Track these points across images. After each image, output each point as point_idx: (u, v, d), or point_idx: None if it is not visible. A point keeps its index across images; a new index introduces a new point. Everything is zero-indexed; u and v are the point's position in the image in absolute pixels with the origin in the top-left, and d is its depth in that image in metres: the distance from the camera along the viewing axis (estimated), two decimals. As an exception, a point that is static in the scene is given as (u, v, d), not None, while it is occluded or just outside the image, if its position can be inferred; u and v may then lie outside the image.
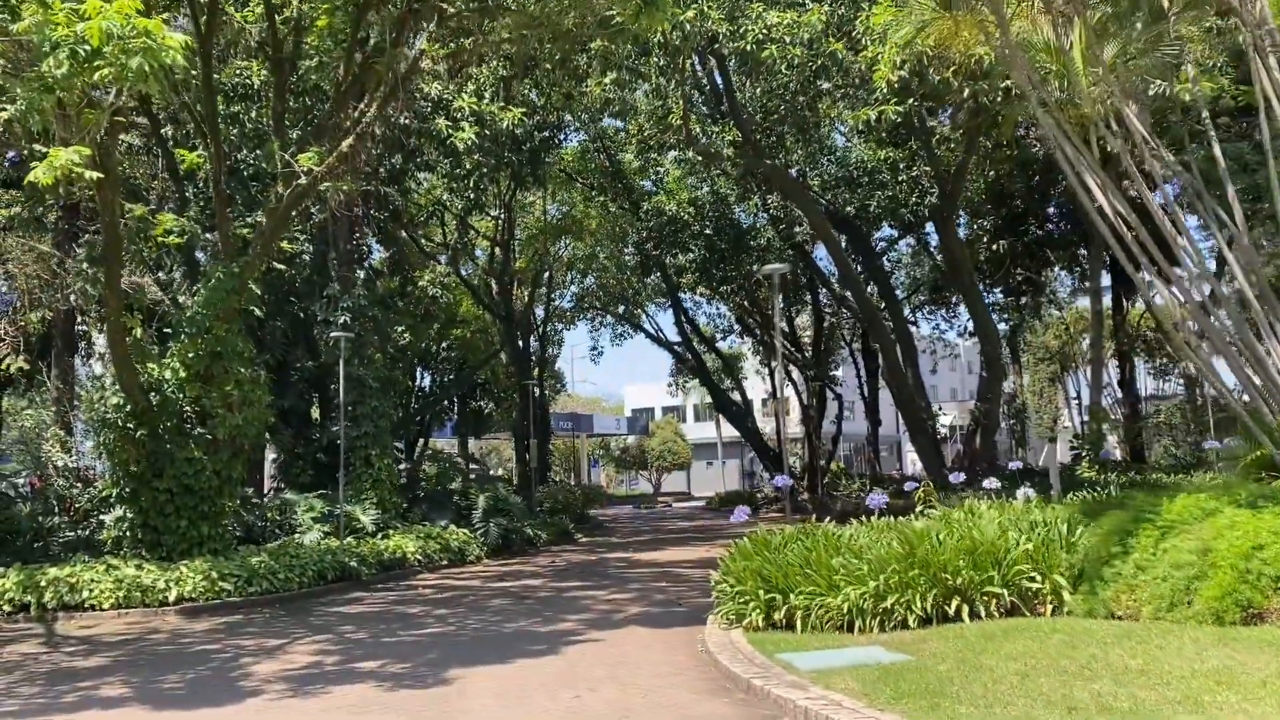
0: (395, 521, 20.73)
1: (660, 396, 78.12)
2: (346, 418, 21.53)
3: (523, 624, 11.78)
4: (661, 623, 11.36)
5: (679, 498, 62.97)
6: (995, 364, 29.47)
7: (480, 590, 15.71)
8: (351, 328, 21.33)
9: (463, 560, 20.45)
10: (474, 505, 22.65)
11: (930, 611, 8.70)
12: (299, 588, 15.37)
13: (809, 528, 10.67)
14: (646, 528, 33.11)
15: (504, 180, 32.59)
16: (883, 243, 38.46)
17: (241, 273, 15.83)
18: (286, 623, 12.89)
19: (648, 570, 17.66)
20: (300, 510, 19.73)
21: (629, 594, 14.23)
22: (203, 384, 15.95)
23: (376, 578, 17.39)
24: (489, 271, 37.51)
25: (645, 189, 38.50)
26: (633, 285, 43.77)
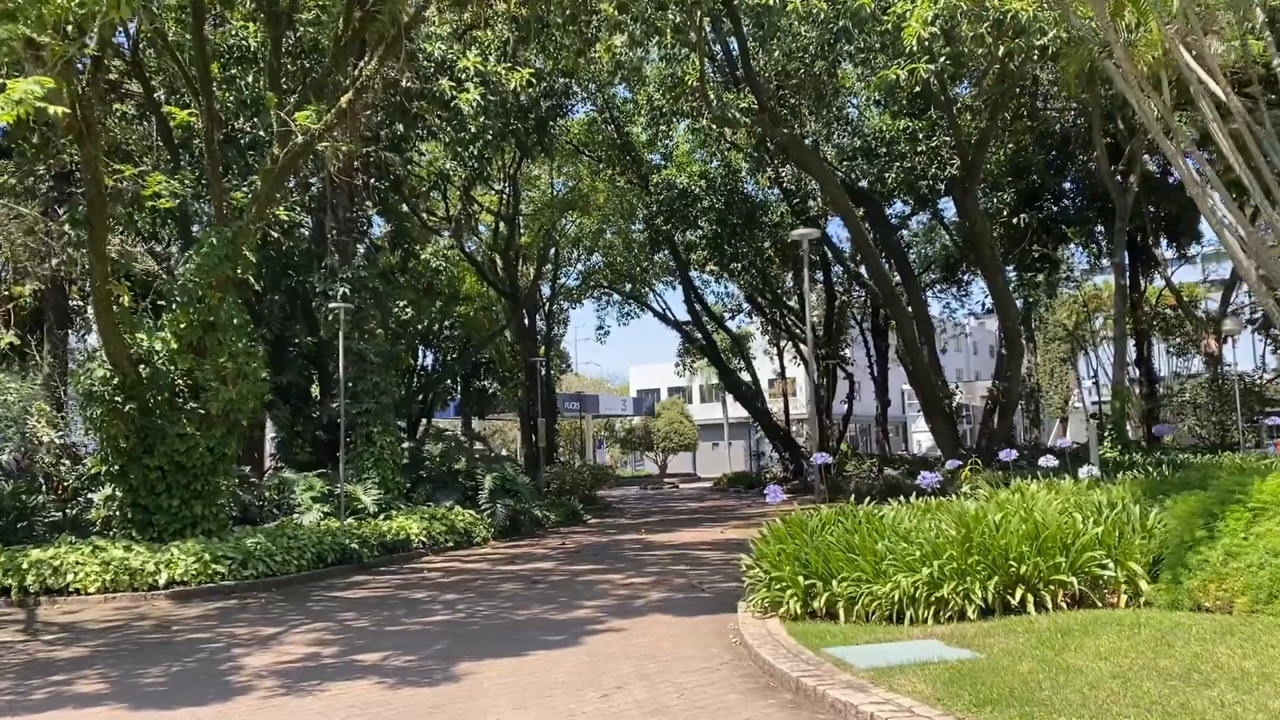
0: (398, 502, 19.92)
1: (666, 377, 77.31)
2: (346, 394, 20.69)
3: (536, 611, 10.97)
4: (687, 610, 10.53)
5: (685, 479, 62.26)
6: (1015, 341, 28.62)
7: (489, 574, 14.91)
8: (351, 300, 20.45)
9: (469, 542, 19.64)
10: (480, 486, 21.84)
11: (991, 602, 7.86)
12: (297, 571, 14.56)
13: (848, 509, 9.83)
14: (656, 508, 32.32)
15: (509, 150, 31.65)
16: (894, 219, 37.55)
17: (235, 239, 14.95)
18: (283, 608, 12.08)
19: (663, 553, 16.85)
20: (299, 490, 18.93)
21: (647, 578, 13.42)
22: (195, 356, 15.10)
23: (379, 560, 16.59)
24: (493, 247, 36.61)
25: (654, 163, 37.58)
26: (640, 263, 42.87)
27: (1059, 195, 37.23)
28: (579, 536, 21.41)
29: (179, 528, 14.83)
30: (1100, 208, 38.04)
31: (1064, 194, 37.82)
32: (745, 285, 41.71)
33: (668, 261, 43.52)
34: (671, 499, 39.27)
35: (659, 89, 28.88)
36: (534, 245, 37.81)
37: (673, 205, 33.56)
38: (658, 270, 44.68)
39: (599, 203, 38.38)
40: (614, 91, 35.55)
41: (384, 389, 20.81)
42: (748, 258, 37.20)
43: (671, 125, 36.62)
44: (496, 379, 38.43)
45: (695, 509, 31.00)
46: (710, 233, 35.12)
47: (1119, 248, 28.56)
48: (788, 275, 41.77)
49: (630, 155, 35.76)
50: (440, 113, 21.90)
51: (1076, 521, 8.25)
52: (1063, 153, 36.00)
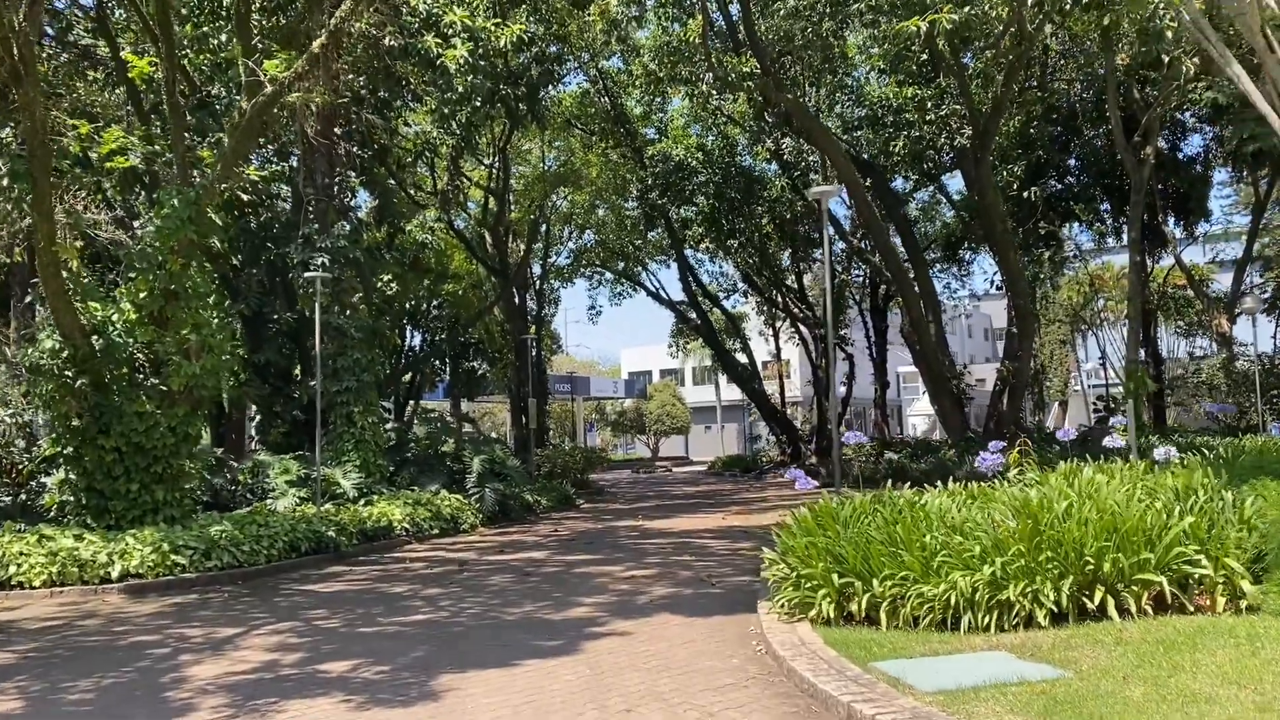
0: (380, 486, 18.71)
1: (658, 359, 76.14)
2: (326, 371, 19.44)
3: (529, 608, 9.79)
4: (698, 609, 9.36)
5: (677, 462, 61.20)
6: (1027, 318, 27.52)
7: (476, 564, 13.73)
8: (330, 271, 19.19)
9: (456, 529, 18.46)
10: (468, 469, 20.64)
11: (1064, 605, 6.69)
12: (267, 561, 13.36)
13: (884, 496, 8.66)
14: (650, 493, 31.19)
15: (499, 120, 30.32)
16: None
17: (199, 200, 13.67)
18: (247, 604, 10.88)
19: (664, 541, 15.69)
20: (274, 473, 17.71)
21: (649, 570, 12.25)
22: (156, 328, 13.86)
23: (358, 549, 15.40)
24: (482, 223, 35.30)
25: (649, 137, 36.28)
26: (634, 240, 41.60)
27: (1064, 172, 36.18)
28: (572, 523, 20.26)
29: (138, 514, 13.62)
30: (1107, 185, 36.97)
31: (1069, 171, 36.79)
32: (742, 263, 40.51)
33: (662, 240, 42.30)
34: (665, 483, 38.16)
35: (655, 57, 27.58)
36: (524, 221, 36.51)
37: (668, 178, 32.32)
38: (651, 249, 43.47)
39: (591, 177, 37.08)
40: (607, 63, 34.28)
41: (365, 366, 19.56)
42: (745, 234, 35.98)
43: (667, 96, 35.39)
44: (486, 359, 37.13)
45: (691, 493, 29.88)
46: (707, 208, 33.91)
47: (1135, 222, 27.39)
48: (785, 253, 40.57)
49: (624, 128, 34.46)
50: (425, 74, 20.57)
51: (1158, 511, 7.09)
52: (1069, 128, 34.91)
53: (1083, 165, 36.20)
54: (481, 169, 36.54)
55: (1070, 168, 36.69)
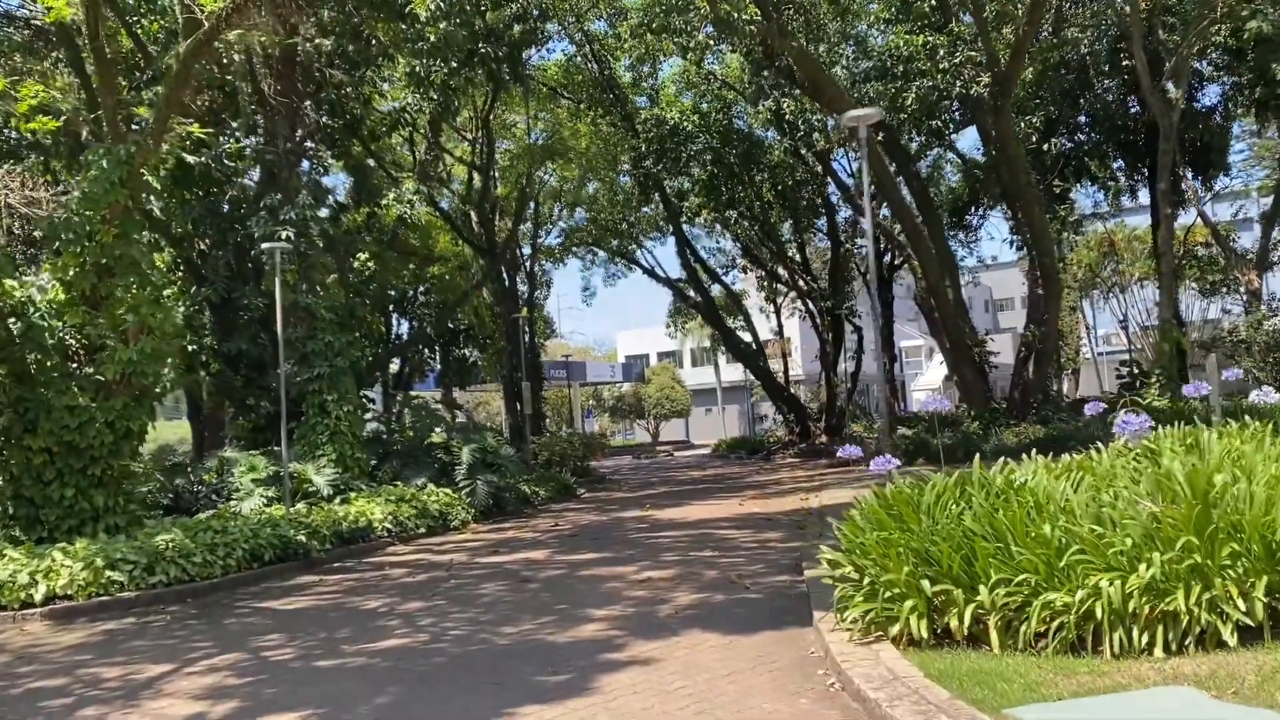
0: (360, 482, 16.90)
1: (655, 342, 74.28)
2: (294, 357, 17.62)
3: (527, 626, 8.00)
4: (737, 622, 7.57)
5: (679, 446, 59.48)
6: (1053, 278, 25.76)
7: (466, 569, 11.93)
8: (296, 244, 17.34)
9: (445, 527, 16.66)
10: (457, 460, 18.79)
11: (1260, 617, 4.90)
12: (223, 573, 11.53)
13: (977, 476, 6.87)
14: (655, 479, 29.43)
15: (480, 88, 28.40)
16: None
17: (131, 158, 11.80)
18: (190, 629, 9.08)
19: (679, 534, 13.90)
20: (238, 471, 15.87)
21: (667, 570, 10.46)
22: (88, 309, 12.01)
23: (332, 554, 13.59)
24: (467, 200, 33.36)
25: (640, 105, 34.33)
26: (627, 215, 39.68)
27: (1073, 129, 34.45)
28: (574, 515, 18.47)
29: (75, 524, 11.82)
30: (1120, 141, 35.21)
31: (1079, 127, 35.06)
32: (742, 235, 38.64)
33: (656, 217, 40.44)
34: (669, 468, 36.41)
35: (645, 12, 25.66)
36: (511, 197, 34.57)
37: (663, 144, 30.42)
38: (645, 225, 41.59)
39: (581, 148, 35.16)
40: (595, 25, 32.35)
41: (339, 350, 17.71)
42: (745, 203, 34.11)
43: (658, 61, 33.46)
44: (477, 346, 35.32)
45: (699, 478, 28.11)
46: (705, 175, 32.02)
47: (1164, 171, 25.62)
48: (786, 224, 38.67)
49: (613, 94, 32.51)
50: (394, 25, 18.66)
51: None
52: (1081, 81, 33.10)
53: (1093, 121, 34.49)
54: (464, 144, 34.65)
55: (1080, 124, 34.98)
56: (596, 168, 36.95)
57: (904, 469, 7.64)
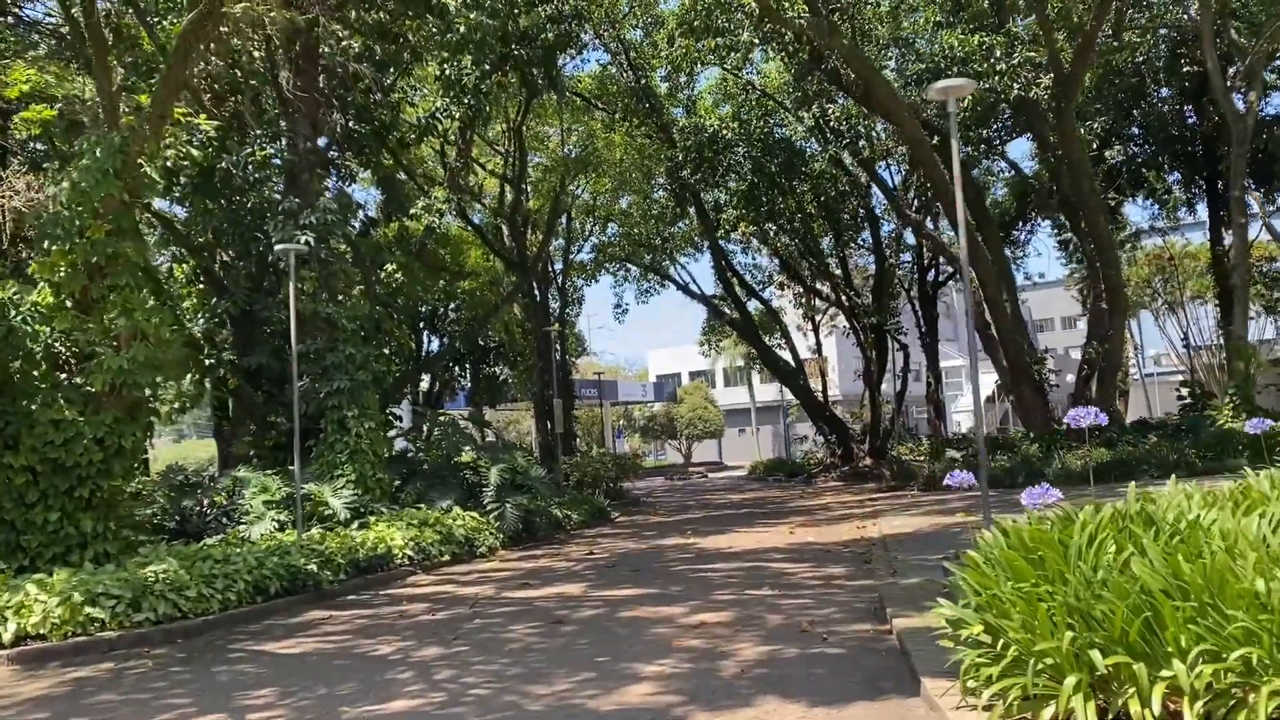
0: (380, 504, 15.65)
1: (687, 361, 72.91)
2: (314, 370, 16.46)
3: (562, 686, 6.66)
4: (821, 689, 6.18)
5: (712, 467, 58.02)
6: (1118, 292, 24.20)
7: (493, 605, 10.61)
8: (316, 250, 16.22)
9: (471, 554, 15.38)
10: (485, 481, 17.52)
11: None
12: (221, 609, 10.29)
13: (1136, 509, 5.46)
14: (692, 502, 28.04)
15: (513, 98, 27.34)
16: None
17: (126, 147, 10.67)
18: (172, 679, 7.82)
19: (729, 566, 12.52)
20: (249, 493, 14.68)
21: (722, 612, 9.08)
22: (80, 312, 10.87)
23: (347, 585, 12.33)
24: (498, 213, 32.28)
25: (676, 116, 33.13)
26: (661, 232, 38.45)
27: (1126, 140, 33.04)
28: (609, 541, 17.12)
29: (60, 551, 10.67)
30: (1177, 153, 33.67)
31: (1132, 139, 33.65)
32: (782, 249, 37.25)
33: (691, 232, 39.20)
34: (704, 490, 35.00)
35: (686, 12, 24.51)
36: (543, 210, 33.44)
37: (701, 152, 29.18)
38: (680, 241, 40.36)
39: (615, 159, 34.01)
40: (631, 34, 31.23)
41: (361, 363, 16.51)
42: (785, 215, 32.76)
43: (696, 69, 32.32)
44: (507, 363, 34.19)
45: (738, 502, 26.70)
46: (744, 185, 30.73)
47: (1237, 178, 24.06)
48: (825, 238, 37.22)
49: (649, 103, 31.35)
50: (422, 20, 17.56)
51: None
52: (1136, 90, 31.67)
53: (1147, 132, 33.06)
54: (496, 158, 33.63)
55: (1134, 135, 33.57)
56: (630, 180, 35.81)
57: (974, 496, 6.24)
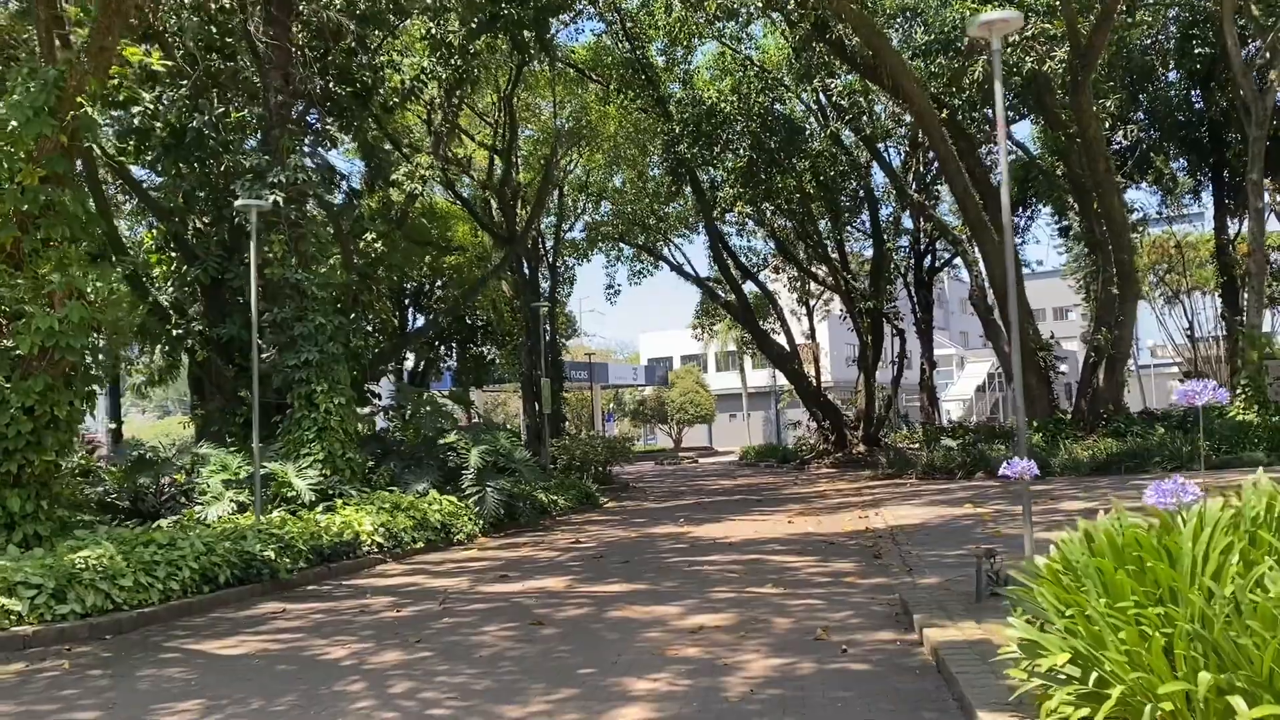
0: (350, 486, 14.54)
1: (679, 344, 71.90)
2: (280, 339, 15.35)
3: (537, 707, 5.61)
4: (847, 713, 5.15)
5: (702, 452, 57.09)
6: (1130, 277, 23.18)
7: (465, 600, 9.55)
8: (286, 212, 15.09)
9: (448, 541, 14.33)
10: (466, 463, 16.43)
11: None
12: (162, 600, 9.21)
13: (1256, 506, 4.40)
14: (683, 488, 27.03)
15: (503, 61, 26.19)
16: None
17: (61, 82, 9.52)
18: (86, 686, 6.74)
19: (726, 559, 11.48)
20: (206, 470, 13.59)
21: (723, 614, 8.05)
22: (10, 268, 9.74)
23: (307, 573, 11.25)
24: (488, 185, 31.12)
25: (672, 91, 31.97)
26: (655, 210, 37.36)
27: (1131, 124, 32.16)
28: (597, 529, 16.08)
29: (-14, 534, 9.52)
30: (1183, 139, 32.76)
31: (1137, 123, 32.77)
32: (779, 231, 36.18)
33: (685, 212, 38.12)
34: (695, 476, 33.97)
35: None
36: (534, 184, 32.28)
37: (699, 125, 28.05)
38: (673, 221, 39.29)
39: (609, 132, 32.85)
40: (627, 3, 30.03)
41: (332, 334, 15.38)
42: (784, 194, 31.66)
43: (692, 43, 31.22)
44: (495, 343, 33.11)
45: (731, 488, 25.69)
46: (742, 161, 29.65)
47: (1255, 160, 23.05)
48: (823, 221, 36.11)
49: (645, 75, 30.19)
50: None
51: None
52: (1143, 73, 30.75)
53: (1152, 117, 32.17)
54: (485, 128, 32.46)
55: (1140, 120, 32.67)
56: (625, 155, 34.69)
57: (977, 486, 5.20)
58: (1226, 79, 30.56)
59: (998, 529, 12.13)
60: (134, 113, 17.87)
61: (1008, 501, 16.00)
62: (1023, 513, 7.23)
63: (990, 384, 74.52)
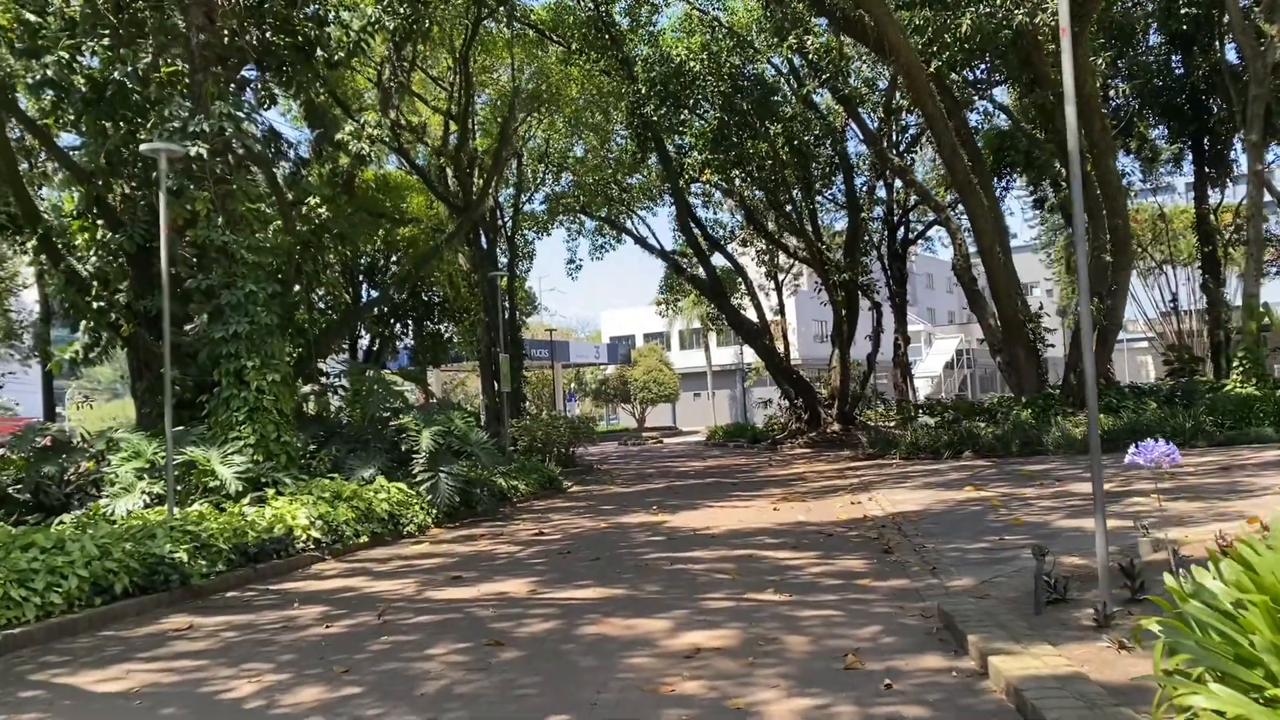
0: (286, 474, 12.93)
1: (642, 322, 70.52)
2: (207, 308, 13.69)
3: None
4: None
5: (667, 432, 55.87)
6: (1126, 244, 22.04)
7: (410, 612, 8.03)
8: (210, 165, 13.39)
9: (396, 534, 12.79)
10: (418, 446, 14.84)
11: None
12: (40, 617, 7.62)
13: None
14: (651, 470, 25.63)
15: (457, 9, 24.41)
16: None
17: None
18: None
19: (712, 555, 10.03)
20: (117, 459, 11.93)
21: (722, 629, 6.60)
22: None
23: (228, 578, 9.67)
24: (442, 152, 29.37)
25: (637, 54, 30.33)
26: (618, 180, 35.80)
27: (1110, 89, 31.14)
28: (562, 518, 14.60)
29: None
30: (1164, 105, 31.82)
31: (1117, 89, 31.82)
32: (749, 200, 34.71)
33: (650, 184, 36.60)
34: (663, 457, 32.63)
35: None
36: (490, 151, 30.57)
37: (666, 86, 26.48)
38: (637, 193, 37.76)
39: (571, 95, 31.17)
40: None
41: (264, 303, 13.71)
42: (755, 160, 30.19)
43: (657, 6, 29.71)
44: (452, 319, 31.44)
45: (702, 470, 24.33)
46: (713, 123, 28.15)
47: (1254, 121, 21.94)
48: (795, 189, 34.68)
49: (609, 34, 28.56)
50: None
51: None
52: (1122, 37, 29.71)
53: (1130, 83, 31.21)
54: (440, 92, 30.70)
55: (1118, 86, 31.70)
56: (587, 121, 33.02)
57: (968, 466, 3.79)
58: (1209, 41, 29.58)
59: (1016, 516, 10.81)
60: (46, 63, 16.02)
61: (1010, 483, 14.74)
62: (1095, 505, 5.82)
63: (959, 360, 73.93)
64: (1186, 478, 13.17)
